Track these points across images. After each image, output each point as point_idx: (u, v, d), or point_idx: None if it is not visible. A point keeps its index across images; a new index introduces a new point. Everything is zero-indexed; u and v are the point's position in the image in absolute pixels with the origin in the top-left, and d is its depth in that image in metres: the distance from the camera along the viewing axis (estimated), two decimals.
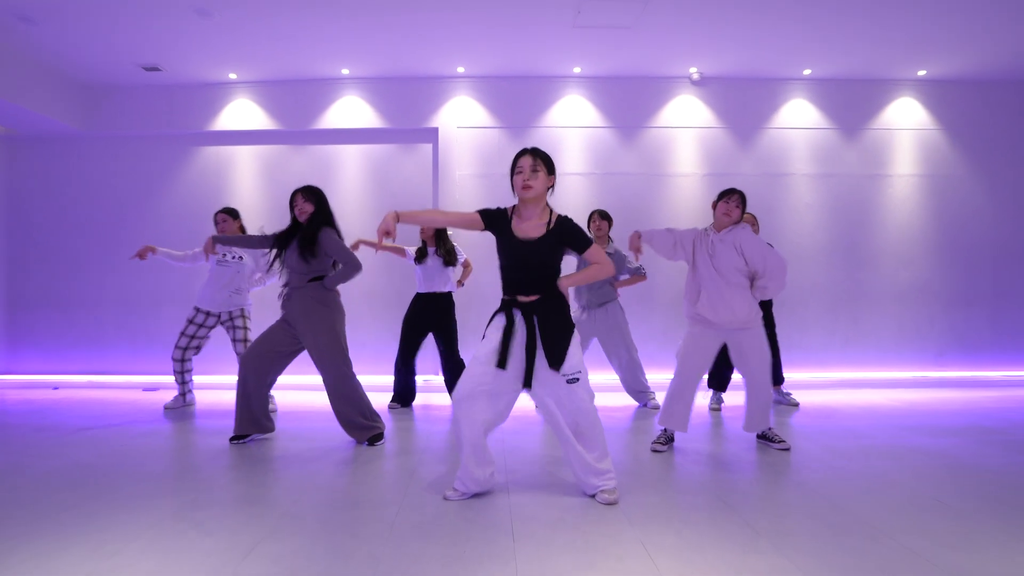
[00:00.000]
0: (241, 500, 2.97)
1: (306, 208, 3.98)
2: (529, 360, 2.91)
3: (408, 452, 3.86)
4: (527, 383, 2.92)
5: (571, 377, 2.93)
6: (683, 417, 3.88)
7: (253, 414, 4.05)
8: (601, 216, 5.20)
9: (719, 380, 5.16)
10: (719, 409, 5.20)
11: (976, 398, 5.72)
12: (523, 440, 4.08)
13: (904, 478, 3.26)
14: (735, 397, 5.43)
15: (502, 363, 2.89)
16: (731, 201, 3.82)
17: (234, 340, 5.11)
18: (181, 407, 5.28)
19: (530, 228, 2.95)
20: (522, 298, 2.94)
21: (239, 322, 5.10)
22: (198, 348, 5.19)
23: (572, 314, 5.16)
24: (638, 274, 5.18)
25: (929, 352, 6.49)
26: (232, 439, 4.05)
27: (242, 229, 5.19)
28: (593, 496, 2.95)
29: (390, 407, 5.24)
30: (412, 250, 5.20)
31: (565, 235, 2.96)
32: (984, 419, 4.79)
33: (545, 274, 2.96)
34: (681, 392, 3.86)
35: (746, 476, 3.38)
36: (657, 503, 2.90)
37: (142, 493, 3.04)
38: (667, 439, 3.95)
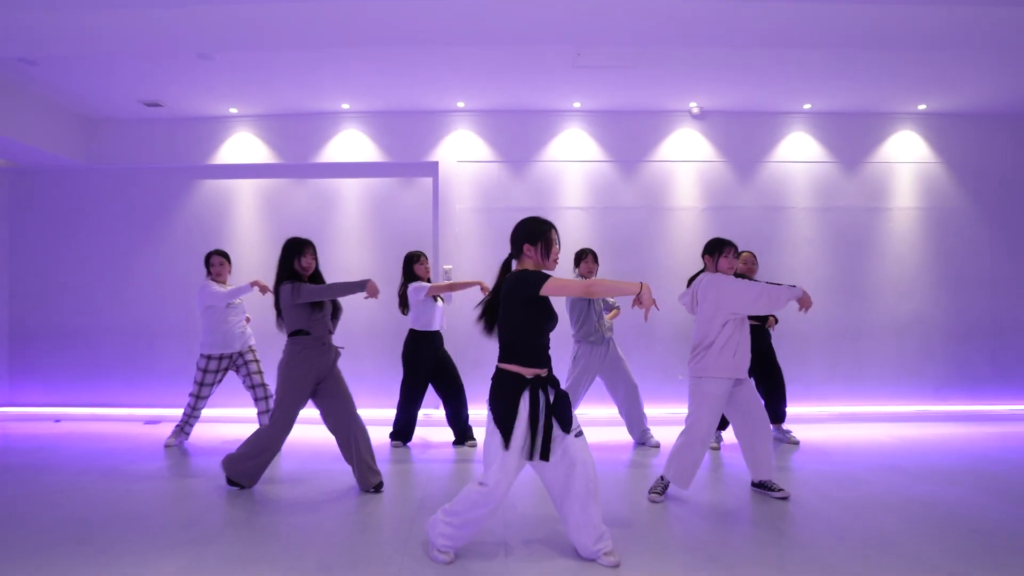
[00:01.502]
0: (240, 561, 2.97)
1: (313, 264, 4.03)
2: (547, 432, 2.87)
3: (407, 500, 3.86)
4: (545, 455, 2.86)
5: (577, 431, 2.95)
6: (692, 476, 3.86)
7: (259, 472, 4.09)
8: (594, 259, 5.23)
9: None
10: (718, 448, 5.20)
11: (976, 434, 5.71)
12: (518, 496, 4.06)
13: (902, 537, 3.26)
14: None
15: (546, 454, 2.84)
16: (730, 254, 3.88)
17: (249, 374, 5.15)
18: (181, 442, 5.30)
19: None
20: (542, 373, 2.92)
21: (249, 356, 5.18)
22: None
23: (577, 352, 5.20)
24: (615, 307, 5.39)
25: (929, 387, 6.48)
26: (231, 483, 4.08)
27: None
28: (593, 560, 2.95)
29: (393, 445, 5.26)
30: (427, 287, 5.13)
31: None
32: (984, 461, 4.78)
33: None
34: (699, 450, 3.83)
35: (744, 532, 3.37)
36: (654, 567, 2.90)
37: (140, 553, 3.05)
38: (663, 487, 3.94)
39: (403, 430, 5.29)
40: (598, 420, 5.98)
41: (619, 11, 4.16)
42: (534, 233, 2.97)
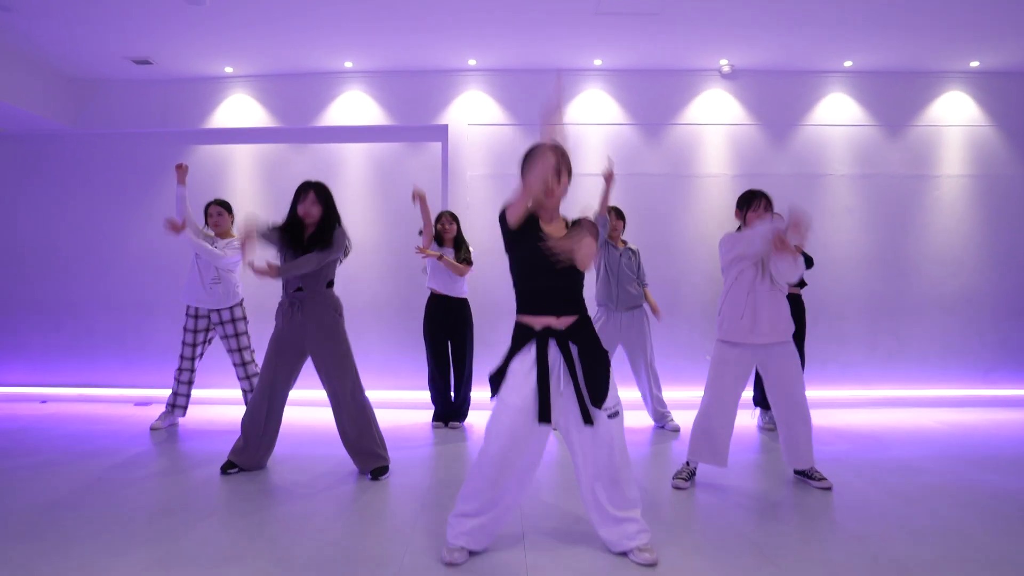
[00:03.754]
0: (219, 556, 2.58)
1: (313, 211, 3.58)
2: (580, 398, 2.48)
3: (414, 489, 3.45)
4: (587, 419, 2.48)
5: (612, 412, 2.53)
6: (723, 451, 3.45)
7: (258, 453, 3.72)
8: (617, 215, 4.81)
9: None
10: (774, 428, 4.74)
11: None
12: (539, 479, 3.66)
13: (985, 535, 2.81)
14: None
15: (545, 416, 2.44)
16: (759, 207, 3.46)
17: (229, 351, 4.76)
18: (170, 425, 4.93)
19: (554, 229, 2.59)
20: (555, 324, 2.50)
21: (230, 328, 4.74)
22: (201, 355, 4.87)
23: (596, 311, 4.77)
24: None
25: (978, 369, 5.99)
26: (224, 469, 3.68)
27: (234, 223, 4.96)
28: (624, 554, 2.54)
29: (434, 426, 4.89)
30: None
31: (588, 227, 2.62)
32: None
33: (576, 280, 2.56)
34: (720, 422, 3.43)
35: (790, 525, 2.94)
36: (694, 565, 2.47)
37: (108, 544, 2.66)
38: (689, 474, 3.54)
39: (441, 409, 4.92)
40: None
41: None
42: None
